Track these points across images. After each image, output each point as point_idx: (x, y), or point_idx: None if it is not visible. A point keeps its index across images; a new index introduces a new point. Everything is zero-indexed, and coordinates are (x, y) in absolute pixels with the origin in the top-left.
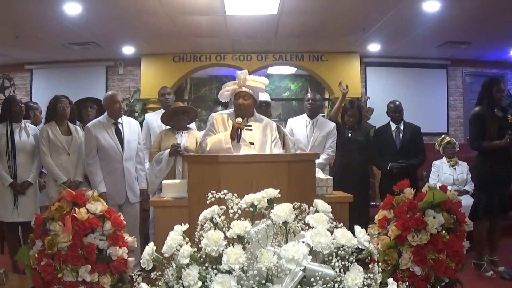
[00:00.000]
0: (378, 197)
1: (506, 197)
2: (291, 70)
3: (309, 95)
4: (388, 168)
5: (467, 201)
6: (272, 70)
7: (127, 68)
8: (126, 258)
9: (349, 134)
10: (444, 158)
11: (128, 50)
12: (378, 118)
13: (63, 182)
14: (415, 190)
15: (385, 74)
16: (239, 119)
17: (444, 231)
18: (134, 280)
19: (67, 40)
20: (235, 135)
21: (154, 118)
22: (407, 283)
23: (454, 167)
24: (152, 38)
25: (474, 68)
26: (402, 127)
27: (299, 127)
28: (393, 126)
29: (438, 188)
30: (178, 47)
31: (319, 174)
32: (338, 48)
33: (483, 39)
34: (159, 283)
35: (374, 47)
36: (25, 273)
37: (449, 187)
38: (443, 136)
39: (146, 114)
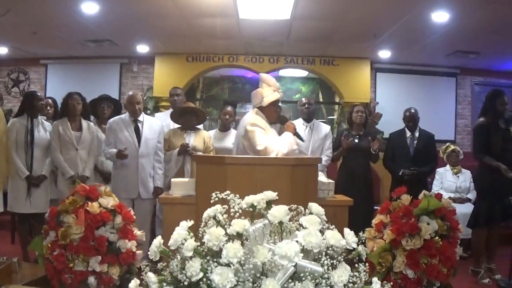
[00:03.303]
0: (382, 202)
1: (507, 206)
2: (303, 73)
3: (304, 100)
4: (400, 174)
5: (468, 208)
6: (283, 72)
7: (141, 66)
8: (134, 250)
9: (356, 140)
10: (448, 166)
11: (142, 48)
12: (387, 124)
13: (70, 177)
14: (411, 197)
15: (395, 81)
16: (293, 122)
17: (437, 237)
18: (142, 270)
19: (83, 37)
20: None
21: (163, 118)
22: (400, 285)
23: (457, 175)
24: (166, 38)
25: (483, 77)
26: (417, 134)
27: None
28: (408, 133)
29: (433, 196)
30: (192, 47)
31: (322, 178)
32: (349, 53)
33: (491, 49)
34: (165, 273)
35: (384, 54)
36: (36, 262)
37: (451, 195)
38: (447, 144)
39: (156, 114)
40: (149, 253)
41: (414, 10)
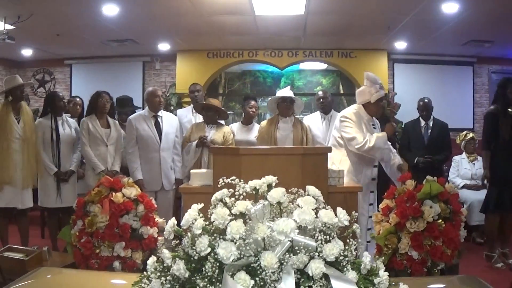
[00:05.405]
0: None
1: None
2: (322, 65)
3: (319, 93)
4: (415, 162)
5: (484, 195)
6: (303, 65)
7: (163, 64)
8: (156, 236)
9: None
10: (464, 153)
11: (164, 46)
12: (405, 114)
13: (100, 171)
14: (415, 182)
15: (412, 71)
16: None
17: (440, 220)
18: (159, 248)
19: (105, 37)
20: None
21: (184, 114)
22: (406, 266)
23: (473, 162)
24: (186, 36)
25: (500, 65)
26: (431, 124)
27: (315, 123)
28: (422, 122)
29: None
30: (212, 44)
31: (332, 166)
32: (366, 45)
33: (505, 38)
34: (178, 250)
35: (400, 45)
36: (65, 252)
37: (467, 182)
38: (466, 132)
39: (178, 110)
40: (164, 232)
41: (424, 2)
